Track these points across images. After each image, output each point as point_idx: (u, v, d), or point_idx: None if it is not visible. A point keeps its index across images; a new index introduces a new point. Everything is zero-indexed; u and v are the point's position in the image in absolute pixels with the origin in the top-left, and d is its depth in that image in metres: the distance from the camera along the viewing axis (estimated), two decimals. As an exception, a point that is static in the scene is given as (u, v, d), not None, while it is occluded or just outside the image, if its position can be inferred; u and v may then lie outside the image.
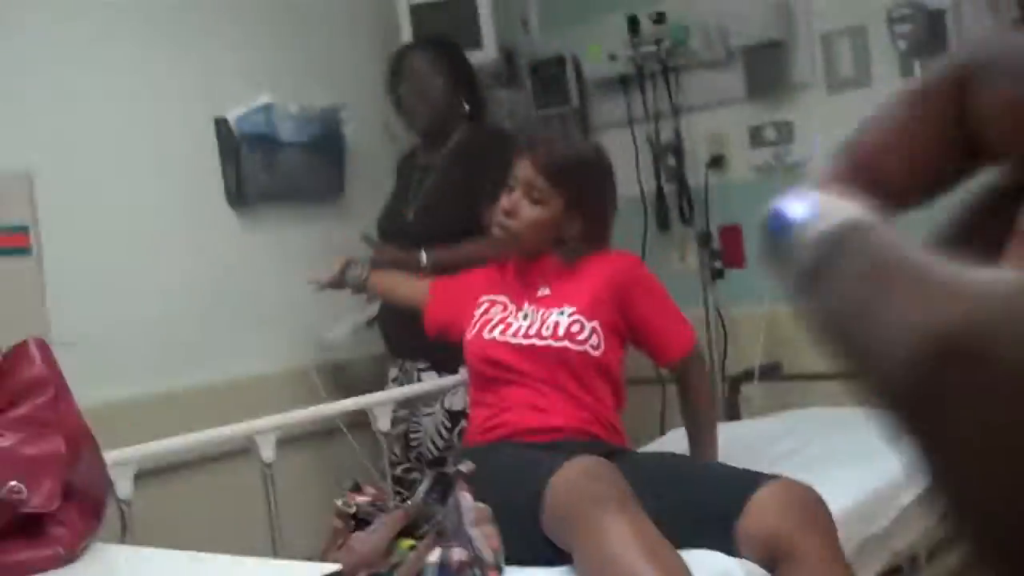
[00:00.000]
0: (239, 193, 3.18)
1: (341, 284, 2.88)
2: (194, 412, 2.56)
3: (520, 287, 2.44)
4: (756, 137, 3.31)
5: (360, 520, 2.03)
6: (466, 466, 2.05)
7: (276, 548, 2.29)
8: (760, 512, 1.94)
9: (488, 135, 3.16)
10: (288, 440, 2.51)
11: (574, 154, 2.44)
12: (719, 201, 3.38)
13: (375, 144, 3.53)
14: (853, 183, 0.36)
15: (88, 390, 1.84)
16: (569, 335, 2.30)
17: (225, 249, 3.15)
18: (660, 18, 3.34)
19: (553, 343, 2.30)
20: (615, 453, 2.19)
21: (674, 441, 2.60)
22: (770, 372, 3.24)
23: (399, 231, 3.09)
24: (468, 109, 3.14)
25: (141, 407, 2.79)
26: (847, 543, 2.01)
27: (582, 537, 1.88)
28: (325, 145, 3.35)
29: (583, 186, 2.39)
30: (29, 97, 2.73)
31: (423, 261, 2.92)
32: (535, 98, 3.61)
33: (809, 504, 1.96)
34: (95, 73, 2.88)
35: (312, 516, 2.47)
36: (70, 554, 1.57)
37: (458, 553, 1.88)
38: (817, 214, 0.33)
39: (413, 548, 1.97)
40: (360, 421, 2.79)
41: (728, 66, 3.32)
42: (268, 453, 2.33)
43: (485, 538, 1.90)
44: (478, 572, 1.87)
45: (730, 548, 1.96)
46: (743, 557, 1.96)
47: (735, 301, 3.33)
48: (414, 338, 2.73)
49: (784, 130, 3.25)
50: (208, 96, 3.13)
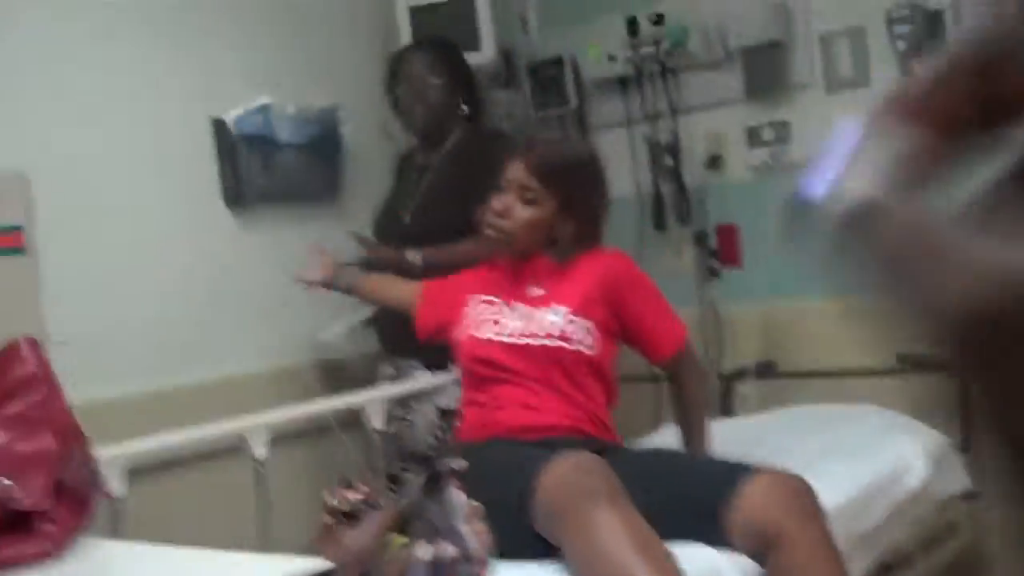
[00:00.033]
0: (236, 193, 3.17)
1: (330, 286, 2.88)
2: (188, 410, 2.55)
3: (512, 287, 2.44)
4: (753, 137, 3.30)
5: (351, 517, 2.03)
6: (458, 463, 2.05)
7: (268, 545, 2.29)
8: (750, 502, 1.95)
9: (486, 136, 3.16)
10: (281, 438, 2.51)
11: (566, 155, 2.44)
12: (716, 201, 3.39)
13: (373, 145, 3.52)
14: (904, 116, 0.38)
15: (84, 389, 1.84)
16: (563, 335, 2.30)
17: (222, 249, 3.14)
18: (659, 19, 3.34)
19: (547, 343, 2.31)
20: (606, 449, 2.19)
21: (669, 437, 2.60)
22: (765, 370, 3.25)
23: (396, 232, 3.09)
24: (466, 110, 3.14)
25: (137, 405, 2.79)
26: (838, 539, 2.01)
27: (572, 532, 1.88)
28: (323, 146, 3.34)
29: (576, 187, 2.40)
30: (25, 96, 2.72)
31: (416, 261, 2.92)
32: (534, 99, 3.61)
33: (798, 493, 1.97)
34: (92, 72, 2.87)
35: (304, 514, 2.46)
36: (59, 550, 1.57)
37: (449, 550, 1.88)
38: (843, 187, 0.36)
39: (405, 545, 1.97)
40: (353, 419, 2.79)
41: (726, 67, 3.32)
42: (260, 450, 2.34)
43: (476, 534, 1.90)
44: (469, 568, 1.87)
45: (721, 539, 1.97)
46: (734, 548, 1.96)
47: (730, 300, 3.33)
48: (408, 336, 2.73)
49: (781, 130, 3.25)
50: (206, 96, 3.12)
